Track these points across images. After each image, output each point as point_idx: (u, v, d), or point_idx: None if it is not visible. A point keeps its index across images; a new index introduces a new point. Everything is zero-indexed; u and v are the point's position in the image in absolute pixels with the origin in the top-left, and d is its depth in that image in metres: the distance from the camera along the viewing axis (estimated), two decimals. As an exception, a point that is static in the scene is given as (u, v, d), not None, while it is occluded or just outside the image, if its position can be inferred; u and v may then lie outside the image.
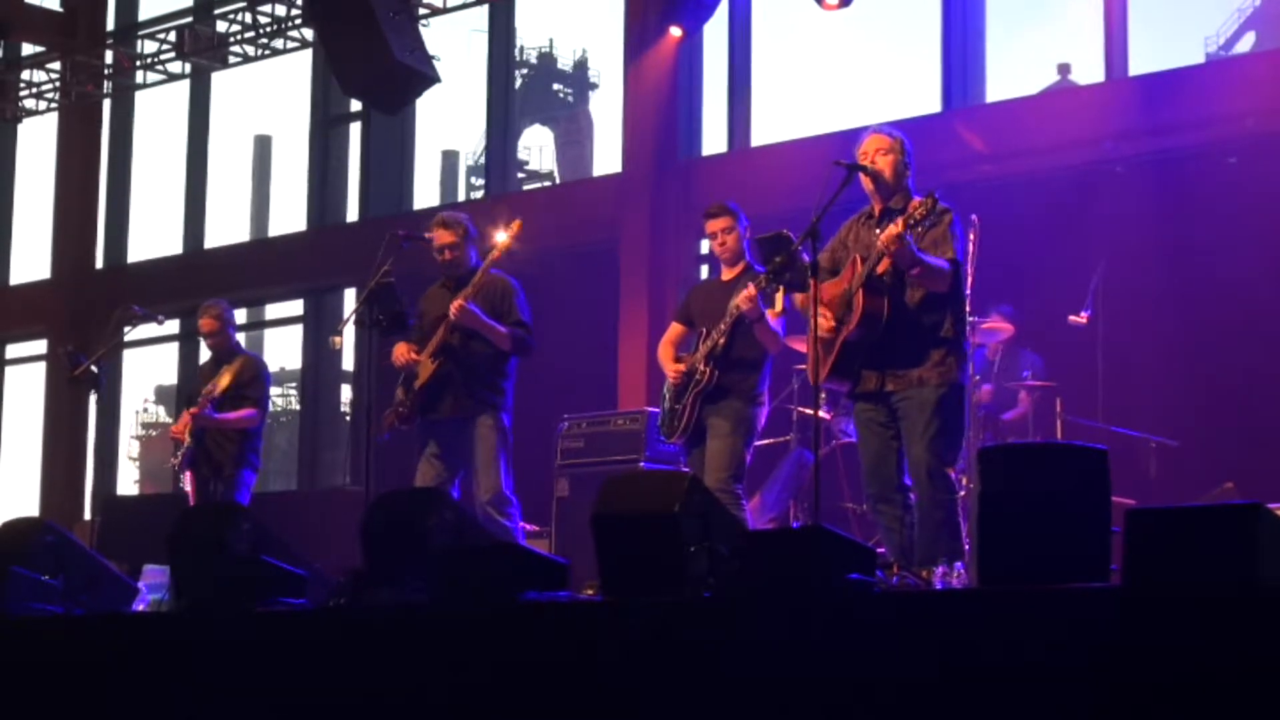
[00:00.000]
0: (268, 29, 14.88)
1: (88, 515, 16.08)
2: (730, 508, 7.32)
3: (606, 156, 36.75)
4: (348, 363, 17.57)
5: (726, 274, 8.05)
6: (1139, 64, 11.64)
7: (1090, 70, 12.46)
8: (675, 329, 8.20)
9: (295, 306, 16.91)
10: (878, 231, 6.67)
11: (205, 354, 11.02)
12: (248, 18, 14.91)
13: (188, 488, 9.97)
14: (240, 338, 10.45)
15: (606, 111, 39.87)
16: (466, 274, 8.44)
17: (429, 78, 12.14)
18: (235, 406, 9.73)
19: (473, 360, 8.32)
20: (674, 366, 7.94)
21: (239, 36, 15.04)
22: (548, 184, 33.39)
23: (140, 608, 7.61)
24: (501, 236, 8.38)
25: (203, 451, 9.77)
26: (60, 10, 17.88)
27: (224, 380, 9.64)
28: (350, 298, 15.93)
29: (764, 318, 7.57)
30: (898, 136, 6.91)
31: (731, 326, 7.68)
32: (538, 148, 38.36)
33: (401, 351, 8.43)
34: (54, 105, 16.88)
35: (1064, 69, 16.11)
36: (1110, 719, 4.00)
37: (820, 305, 6.66)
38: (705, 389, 7.74)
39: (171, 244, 17.89)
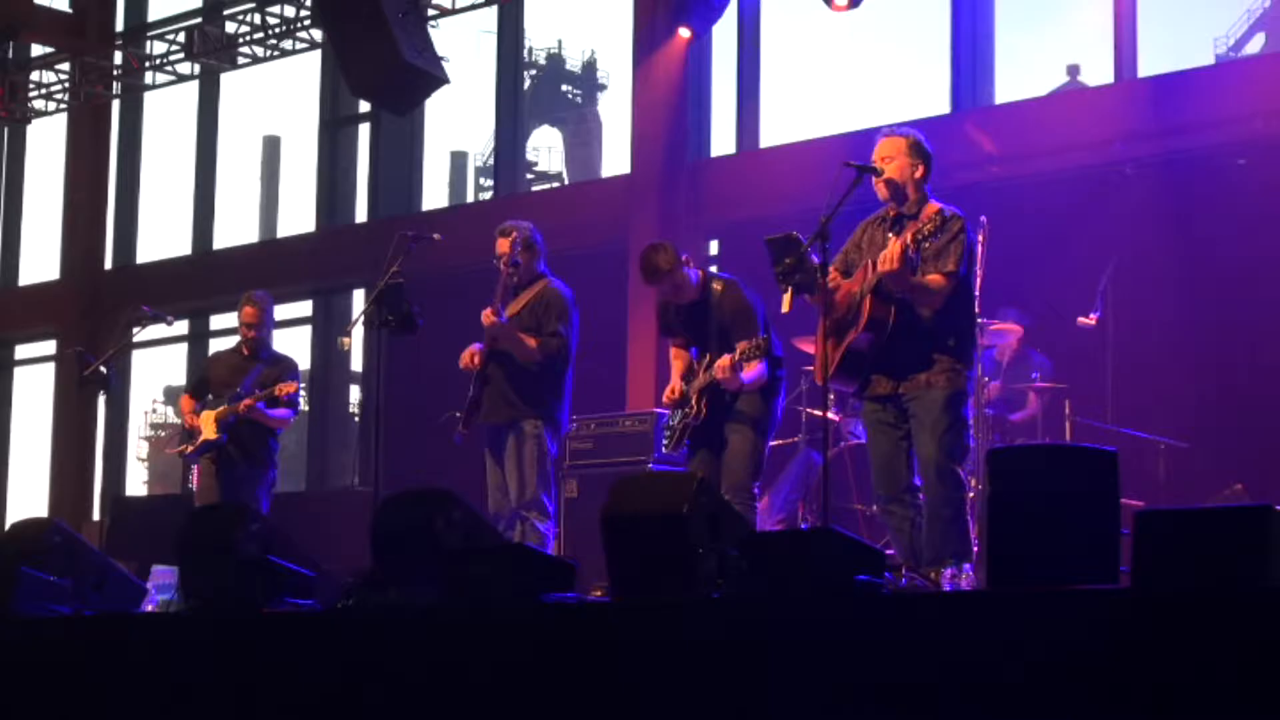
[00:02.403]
0: (277, 30, 14.88)
1: (96, 516, 16.11)
2: (746, 508, 7.34)
3: (615, 157, 36.82)
4: (356, 363, 17.60)
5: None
6: (1148, 65, 11.64)
7: (1099, 71, 12.45)
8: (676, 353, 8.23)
9: (304, 307, 16.90)
10: (890, 236, 6.67)
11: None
12: (257, 19, 14.92)
13: (195, 480, 9.89)
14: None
15: (615, 112, 39.93)
16: (526, 283, 8.49)
17: (438, 79, 12.14)
18: (270, 405, 9.70)
19: (513, 368, 8.35)
20: (673, 384, 7.95)
21: (248, 37, 15.05)
22: (557, 185, 33.43)
23: (149, 608, 7.61)
24: None
25: (239, 448, 9.68)
26: (69, 11, 17.91)
27: (288, 382, 9.59)
28: (359, 298, 15.93)
29: (744, 385, 7.59)
30: (907, 136, 6.86)
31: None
32: (547, 149, 38.42)
33: (466, 355, 8.46)
34: (63, 106, 16.89)
35: (1073, 70, 16.11)
36: (1119, 721, 4.00)
37: (830, 303, 6.67)
38: (693, 424, 7.75)
39: (180, 244, 17.92)
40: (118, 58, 16.42)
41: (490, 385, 8.38)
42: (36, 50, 17.83)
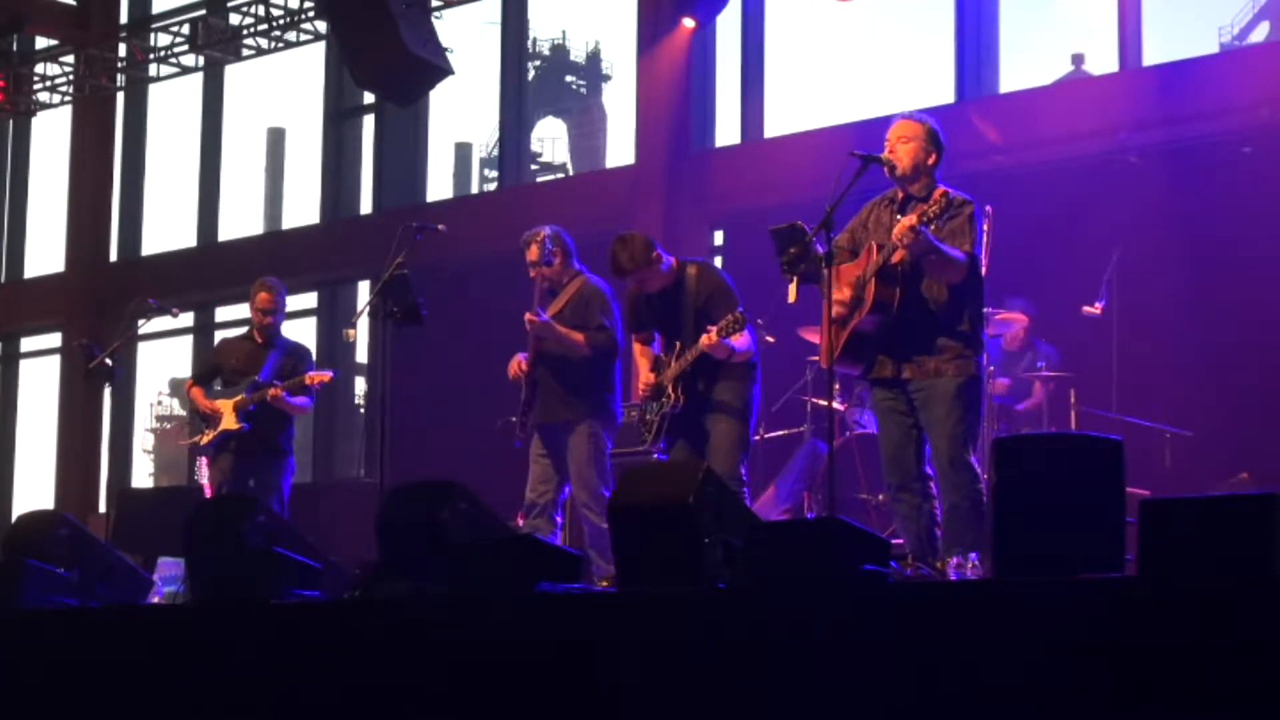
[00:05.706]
0: (281, 21, 14.89)
1: (103, 508, 16.12)
2: (739, 495, 7.34)
3: (620, 148, 36.72)
4: (361, 355, 17.60)
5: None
6: (1153, 54, 11.62)
7: (1104, 60, 12.45)
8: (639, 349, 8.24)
9: (309, 299, 16.90)
10: (899, 218, 6.65)
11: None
12: (261, 10, 14.92)
13: (205, 473, 9.80)
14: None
15: (620, 103, 39.85)
16: (563, 283, 8.50)
17: (442, 70, 12.15)
18: (294, 393, 9.61)
19: (561, 367, 8.34)
20: (644, 378, 7.96)
21: (252, 29, 15.06)
22: (561, 176, 33.40)
23: (155, 600, 7.63)
24: None
25: (260, 436, 9.56)
26: (74, 3, 17.91)
27: (322, 372, 9.55)
28: (364, 290, 15.93)
29: (734, 353, 7.60)
30: (925, 123, 6.83)
31: (698, 356, 7.69)
32: (551, 140, 38.34)
33: (514, 365, 8.46)
34: (68, 98, 16.90)
35: (1078, 59, 16.11)
36: (1125, 711, 3.99)
37: (836, 290, 6.66)
38: (671, 413, 7.76)
39: (185, 237, 17.93)
40: (122, 50, 16.42)
41: (541, 386, 8.36)
42: (41, 43, 17.85)
